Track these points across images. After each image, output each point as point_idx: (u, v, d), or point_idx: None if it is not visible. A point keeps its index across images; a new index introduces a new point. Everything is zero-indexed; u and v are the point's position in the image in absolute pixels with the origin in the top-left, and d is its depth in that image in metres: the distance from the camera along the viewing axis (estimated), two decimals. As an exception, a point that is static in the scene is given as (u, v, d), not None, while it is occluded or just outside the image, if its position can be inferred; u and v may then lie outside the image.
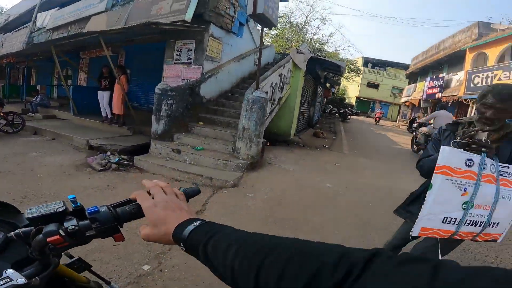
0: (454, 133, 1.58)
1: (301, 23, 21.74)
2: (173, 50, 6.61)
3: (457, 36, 15.33)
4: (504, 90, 1.36)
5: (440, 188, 1.22)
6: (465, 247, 2.71)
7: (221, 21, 6.72)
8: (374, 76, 34.33)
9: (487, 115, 1.39)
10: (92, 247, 2.23)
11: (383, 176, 5.36)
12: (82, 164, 4.42)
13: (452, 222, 1.28)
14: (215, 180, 3.95)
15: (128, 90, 6.71)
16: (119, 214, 0.61)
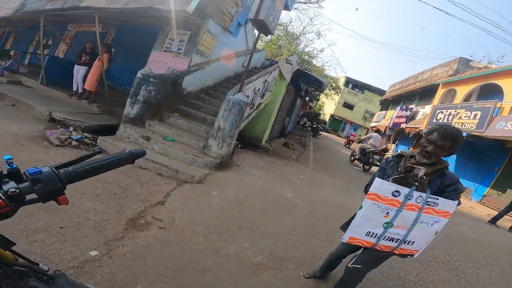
0: (398, 163, 1.79)
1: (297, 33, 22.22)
2: (166, 37, 6.48)
3: (436, 70, 15.71)
4: (448, 130, 1.57)
5: (367, 209, 1.52)
6: (392, 264, 2.99)
7: (220, 18, 6.74)
8: (352, 97, 35.72)
9: (427, 149, 1.61)
10: (36, 226, 2.14)
11: (338, 193, 5.68)
12: (39, 136, 4.16)
13: (374, 236, 1.59)
14: (181, 174, 3.94)
15: (107, 68, 6.46)
16: (63, 175, 0.59)
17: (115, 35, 8.78)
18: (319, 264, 2.58)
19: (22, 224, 2.10)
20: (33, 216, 2.23)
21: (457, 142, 1.57)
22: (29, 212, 2.25)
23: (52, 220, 2.27)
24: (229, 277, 2.20)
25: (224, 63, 7.82)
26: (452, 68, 14.00)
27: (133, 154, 0.73)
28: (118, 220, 2.55)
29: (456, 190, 1.63)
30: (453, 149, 1.60)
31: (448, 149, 1.59)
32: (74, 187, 2.54)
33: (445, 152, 1.60)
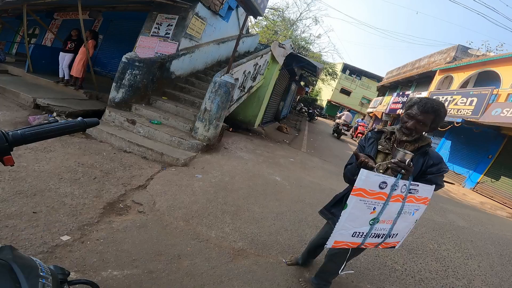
0: (378, 140, 1.63)
1: (294, 19, 21.64)
2: (153, 22, 6.23)
3: (434, 57, 15.43)
4: (429, 103, 1.41)
5: (353, 208, 1.33)
6: (379, 252, 2.94)
7: (210, 1, 6.46)
8: (349, 83, 35.31)
9: (408, 125, 1.45)
10: (9, 212, 2.06)
11: (329, 177, 5.59)
12: (22, 122, 4.05)
13: (359, 235, 1.43)
14: (166, 157, 3.84)
15: (94, 55, 6.34)
16: (11, 136, 0.60)
17: (103, 22, 8.60)
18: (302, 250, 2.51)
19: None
20: (8, 201, 2.16)
21: (439, 116, 1.43)
22: (4, 198, 2.18)
23: (26, 205, 2.19)
24: (206, 262, 2.13)
25: (215, 47, 7.56)
26: (450, 55, 13.72)
27: (85, 122, 0.77)
28: (95, 205, 2.46)
29: (440, 170, 1.49)
30: (436, 124, 1.45)
31: (430, 125, 1.44)
32: (53, 170, 2.44)
33: (427, 128, 1.45)
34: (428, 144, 1.52)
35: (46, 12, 9.37)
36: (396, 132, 1.54)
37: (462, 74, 12.31)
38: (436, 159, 1.50)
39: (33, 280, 0.52)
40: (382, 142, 1.61)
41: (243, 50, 9.64)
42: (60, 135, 0.73)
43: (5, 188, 2.31)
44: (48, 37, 9.78)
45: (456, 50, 13.54)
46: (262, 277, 2.15)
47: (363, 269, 2.62)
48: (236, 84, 5.18)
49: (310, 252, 2.29)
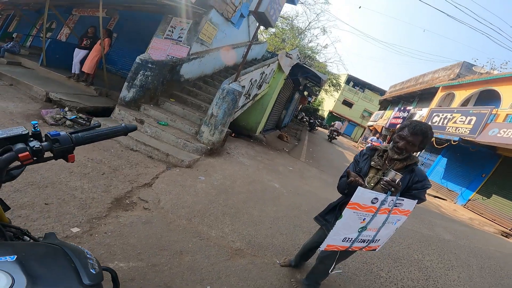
0: (371, 157, 1.80)
1: (302, 28, 21.81)
2: (168, 25, 6.40)
3: (438, 72, 15.39)
4: (418, 126, 1.58)
5: (347, 218, 1.55)
6: (367, 259, 3.07)
7: (224, 8, 6.64)
8: (351, 95, 35.32)
9: (399, 145, 1.62)
10: (22, 202, 2.16)
11: (326, 188, 5.71)
12: (34, 115, 4.18)
13: (348, 240, 1.66)
14: (171, 157, 3.97)
15: (108, 52, 6.43)
16: (74, 138, 0.73)
17: (118, 20, 8.74)
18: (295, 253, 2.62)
19: (9, 200, 2.12)
20: (21, 192, 2.27)
21: (426, 137, 1.59)
22: (17, 188, 2.28)
23: (38, 196, 2.30)
24: (206, 259, 2.24)
25: (224, 53, 7.74)
26: (454, 72, 13.72)
27: (127, 127, 0.89)
28: (104, 199, 2.58)
29: (424, 186, 1.66)
30: (423, 144, 1.61)
31: (419, 145, 1.60)
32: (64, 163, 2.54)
33: (416, 148, 1.61)
34: (415, 163, 1.69)
35: (66, 8, 9.55)
36: (389, 151, 1.71)
37: (464, 92, 12.34)
38: (421, 176, 1.67)
39: (84, 261, 0.61)
40: (375, 159, 1.77)
41: (250, 57, 9.83)
42: (109, 138, 0.85)
43: (18, 179, 2.39)
44: (63, 32, 9.93)
45: (461, 67, 13.48)
46: (257, 276, 2.27)
47: (350, 274, 2.74)
48: (243, 92, 5.33)
49: (303, 255, 2.42)
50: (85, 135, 0.76)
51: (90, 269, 0.59)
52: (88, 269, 0.59)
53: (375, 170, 1.75)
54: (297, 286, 2.29)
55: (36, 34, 10.91)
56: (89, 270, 0.59)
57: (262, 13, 4.56)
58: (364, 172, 1.75)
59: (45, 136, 0.70)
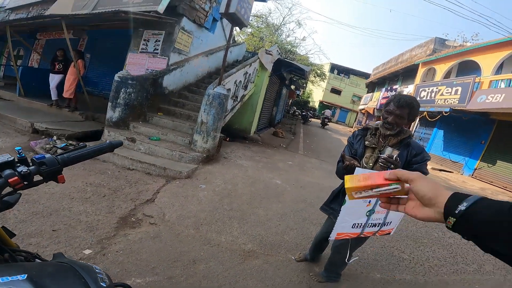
0: (364, 137, 1.83)
1: (277, 24, 22.17)
2: (140, 39, 6.46)
3: (414, 50, 16.18)
4: (402, 99, 1.62)
5: (351, 203, 1.56)
6: (385, 243, 3.11)
7: (194, 15, 6.71)
8: (338, 83, 35.93)
9: (388, 120, 1.65)
10: (29, 231, 2.22)
11: (328, 176, 5.80)
12: (24, 148, 4.17)
13: (358, 226, 1.67)
14: (169, 171, 4.02)
15: (84, 74, 6.43)
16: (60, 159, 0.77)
17: (88, 40, 8.69)
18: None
19: (17, 230, 2.18)
20: (26, 222, 2.33)
21: (413, 108, 1.63)
22: (21, 219, 2.35)
23: (44, 224, 2.36)
24: (220, 265, 2.29)
25: (204, 59, 7.82)
26: (429, 48, 14.42)
27: (112, 144, 0.94)
28: (109, 220, 2.63)
29: (424, 159, 1.67)
30: (412, 116, 1.65)
31: (408, 117, 1.64)
32: (63, 191, 2.62)
33: (405, 120, 1.64)
34: (409, 136, 1.72)
35: (29, 33, 9.40)
36: (380, 128, 1.75)
37: (443, 65, 12.86)
38: (418, 149, 1.70)
39: (93, 276, 0.64)
40: (369, 138, 1.80)
41: (231, 60, 9.93)
42: (95, 156, 0.89)
43: (21, 210, 2.48)
44: (34, 58, 9.84)
45: (434, 42, 14.22)
46: (274, 275, 2.30)
47: (371, 260, 2.75)
48: (229, 95, 5.40)
49: (316, 247, 2.45)
50: (71, 155, 0.80)
51: (101, 282, 0.63)
52: (98, 283, 0.62)
53: (371, 150, 1.77)
54: (317, 279, 2.30)
55: (6, 63, 10.75)
56: (100, 284, 0.62)
57: (233, 13, 4.63)
58: (360, 153, 1.77)
59: (31, 160, 0.74)
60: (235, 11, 4.57)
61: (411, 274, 2.68)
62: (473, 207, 0.48)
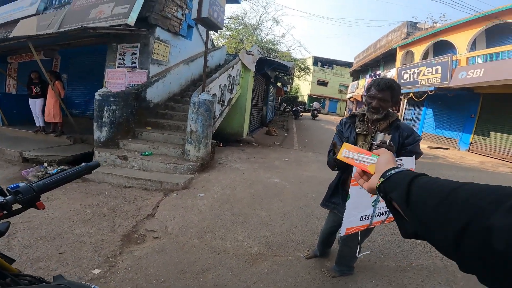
0: (353, 124, 1.84)
1: (255, 24, 22.44)
2: (116, 54, 6.44)
3: (390, 35, 16.87)
4: (381, 82, 1.64)
5: (355, 197, 1.58)
6: (394, 230, 3.11)
7: (168, 24, 6.73)
8: (323, 74, 36.46)
9: (373, 104, 1.67)
10: (36, 255, 2.27)
11: (325, 168, 5.75)
12: (16, 178, 4.17)
13: (366, 218, 1.69)
14: (166, 184, 4.05)
15: (65, 96, 6.37)
16: (36, 186, 0.80)
17: (62, 60, 8.58)
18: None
19: (24, 255, 2.27)
20: (32, 247, 2.38)
21: (394, 90, 1.65)
22: (26, 244, 2.40)
23: (50, 248, 2.41)
24: (229, 272, 2.30)
25: (186, 67, 7.85)
26: (403, 32, 15.20)
27: (89, 166, 0.97)
28: (113, 238, 2.66)
29: (415, 139, 1.71)
30: (396, 97, 1.68)
31: (391, 99, 1.66)
32: (63, 215, 2.76)
33: (390, 103, 1.67)
34: (397, 119, 1.77)
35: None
36: (367, 113, 1.76)
37: (419, 47, 13.49)
38: (408, 130, 1.74)
39: None
40: (359, 125, 1.81)
41: (214, 64, 9.99)
42: (72, 180, 0.91)
43: (25, 237, 2.53)
44: (10, 83, 9.60)
45: (407, 26, 15.04)
46: (285, 275, 2.30)
47: (382, 249, 2.77)
48: (214, 100, 5.45)
49: (324, 242, 2.46)
50: (46, 181, 0.83)
51: None
52: None
53: (362, 137, 1.78)
54: (330, 274, 2.30)
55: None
56: None
57: (206, 18, 4.68)
58: (352, 141, 1.78)
59: (7, 190, 0.77)
60: (208, 15, 4.63)
61: (428, 258, 2.67)
62: (398, 174, 0.59)
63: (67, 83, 8.20)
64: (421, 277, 2.40)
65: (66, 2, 7.50)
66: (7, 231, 0.75)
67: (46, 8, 7.91)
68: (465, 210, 0.40)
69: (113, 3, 6.19)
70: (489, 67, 8.90)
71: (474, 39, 10.60)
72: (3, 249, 2.30)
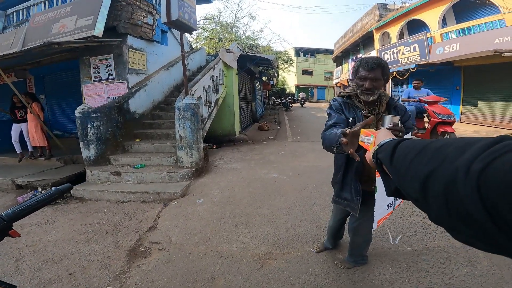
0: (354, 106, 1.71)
1: (231, 22, 22.45)
2: (89, 67, 6.30)
3: (364, 19, 17.16)
4: (370, 61, 1.56)
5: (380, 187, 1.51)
6: (403, 213, 3.10)
7: (139, 31, 6.60)
8: (307, 64, 36.77)
9: (366, 86, 1.59)
10: (47, 278, 2.28)
11: (323, 156, 5.80)
12: (13, 205, 4.07)
13: (391, 205, 1.67)
14: (163, 194, 4.02)
15: (45, 117, 6.20)
16: (5, 215, 0.79)
17: (35, 80, 8.29)
18: (325, 234, 2.61)
19: (35, 279, 2.29)
20: (41, 270, 2.40)
21: (384, 67, 1.59)
22: (36, 268, 2.42)
23: (59, 269, 2.41)
24: (239, 275, 2.27)
25: (166, 73, 7.76)
26: (376, 15, 15.50)
27: (60, 189, 0.95)
28: (119, 254, 2.65)
29: (409, 115, 1.72)
30: (386, 75, 1.62)
31: (383, 77, 1.60)
32: (65, 236, 2.81)
33: (382, 81, 1.61)
34: (391, 98, 1.73)
35: None
36: (361, 96, 1.67)
37: (394, 27, 13.86)
38: (402, 107, 1.74)
39: None
40: (362, 107, 1.70)
41: (195, 67, 9.91)
42: (44, 205, 0.90)
43: (32, 260, 2.53)
44: None
45: (378, 8, 15.38)
46: (297, 272, 2.27)
47: (394, 233, 2.68)
48: (200, 103, 5.41)
49: (334, 236, 2.42)
50: (16, 210, 0.82)
51: None
52: None
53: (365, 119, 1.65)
54: (344, 266, 2.25)
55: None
56: None
57: (177, 20, 4.64)
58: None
59: None
60: (178, 17, 4.59)
61: (444, 239, 2.59)
62: (390, 141, 0.66)
63: (46, 104, 7.96)
64: (441, 259, 2.33)
65: (25, 20, 7.31)
66: None
67: (5, 27, 7.71)
68: (434, 158, 0.42)
69: (75, 16, 6.04)
70: (463, 41, 9.29)
71: (443, 16, 10.95)
72: (14, 273, 2.36)
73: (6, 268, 2.41)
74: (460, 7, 10.52)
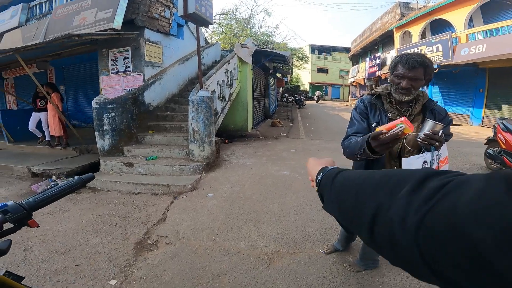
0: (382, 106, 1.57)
1: (247, 17, 22.29)
2: (107, 59, 6.37)
3: (384, 18, 16.75)
4: (412, 58, 1.38)
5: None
6: None
7: (156, 24, 6.60)
8: (322, 62, 36.13)
9: (402, 85, 1.42)
10: (54, 269, 2.27)
11: (337, 155, 5.69)
12: (28, 193, 4.17)
13: None
14: (173, 187, 3.99)
15: (64, 108, 6.32)
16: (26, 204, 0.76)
17: (55, 72, 8.52)
18: (336, 235, 2.53)
19: (42, 269, 2.27)
20: (49, 261, 2.38)
21: (428, 67, 1.41)
22: (43, 258, 2.41)
23: (66, 260, 2.40)
24: (246, 274, 2.20)
25: (182, 67, 7.74)
26: (397, 13, 15.12)
27: (82, 179, 0.91)
28: (126, 247, 2.62)
29: (449, 122, 1.54)
30: (429, 75, 1.43)
31: (425, 77, 1.42)
32: (75, 226, 2.74)
33: (422, 82, 1.43)
34: (430, 99, 1.54)
35: None
36: (394, 95, 1.52)
37: (416, 27, 13.39)
38: (442, 111, 1.54)
39: None
40: (389, 108, 1.55)
41: (210, 61, 9.86)
42: (65, 195, 0.86)
43: (41, 251, 2.52)
44: (9, 99, 9.64)
45: (399, 7, 14.95)
46: (305, 273, 2.19)
47: None
48: (214, 96, 5.35)
49: (348, 238, 2.33)
50: (37, 198, 0.78)
51: None
52: None
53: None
54: (354, 269, 2.18)
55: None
56: None
57: (193, 13, 4.59)
58: None
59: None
60: (195, 11, 4.54)
61: None
62: (327, 174, 0.67)
63: (65, 94, 8.13)
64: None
65: (47, 12, 7.42)
66: (9, 250, 0.72)
67: (28, 20, 7.84)
68: (369, 203, 0.42)
69: (95, 8, 6.09)
70: (490, 42, 8.85)
71: (470, 16, 10.52)
72: (21, 263, 2.33)
73: (14, 258, 2.40)
74: (488, 8, 10.12)
